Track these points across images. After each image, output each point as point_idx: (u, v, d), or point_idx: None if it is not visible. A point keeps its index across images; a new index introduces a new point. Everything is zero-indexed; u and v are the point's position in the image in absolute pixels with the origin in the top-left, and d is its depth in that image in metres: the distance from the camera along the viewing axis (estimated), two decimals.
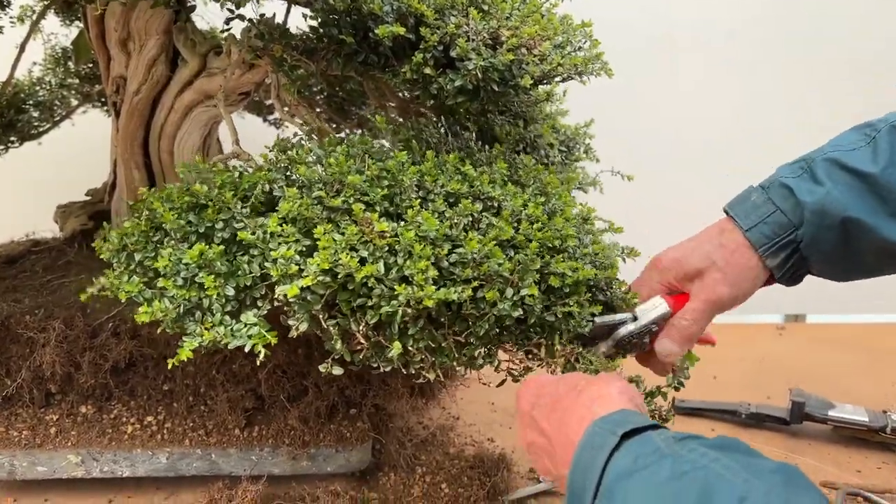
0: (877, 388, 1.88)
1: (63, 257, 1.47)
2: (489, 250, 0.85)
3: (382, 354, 0.88)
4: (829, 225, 0.92)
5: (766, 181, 0.99)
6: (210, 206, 0.94)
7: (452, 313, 0.88)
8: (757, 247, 0.95)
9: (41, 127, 1.71)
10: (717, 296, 0.96)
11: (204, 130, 1.46)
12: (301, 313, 0.87)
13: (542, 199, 1.01)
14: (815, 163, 0.95)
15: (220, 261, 0.88)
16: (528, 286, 0.86)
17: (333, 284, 0.83)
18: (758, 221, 0.95)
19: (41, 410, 1.28)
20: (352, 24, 1.02)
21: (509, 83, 1.01)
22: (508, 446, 1.50)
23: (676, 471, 0.62)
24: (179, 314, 0.89)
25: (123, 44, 1.36)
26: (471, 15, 0.99)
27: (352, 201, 0.89)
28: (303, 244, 0.87)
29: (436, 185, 0.95)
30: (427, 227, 0.86)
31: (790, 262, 0.96)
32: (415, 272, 0.82)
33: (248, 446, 1.27)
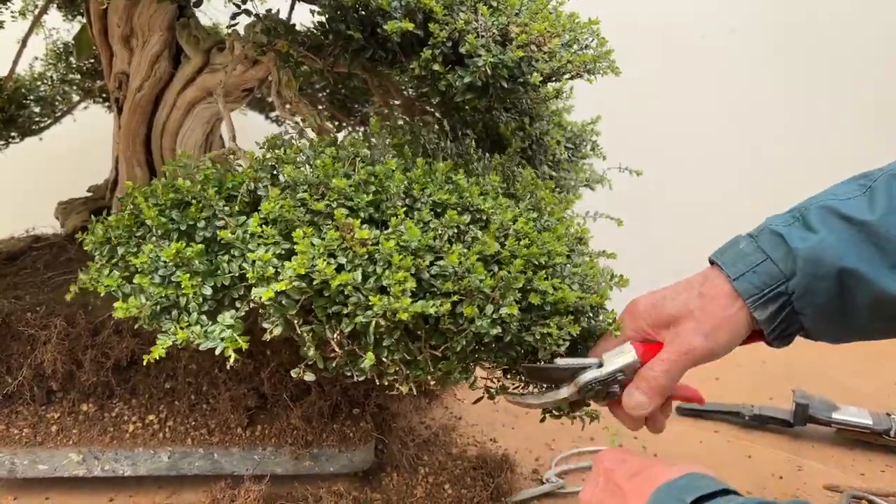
0: (879, 390, 1.87)
1: (64, 254, 1.46)
2: (471, 265, 0.83)
3: (356, 364, 0.86)
4: (823, 275, 0.86)
5: (755, 230, 0.94)
6: (194, 203, 0.92)
7: (430, 327, 0.86)
8: (745, 297, 0.89)
9: (42, 122, 1.70)
10: (689, 346, 0.90)
11: (206, 127, 1.44)
12: (276, 317, 0.85)
13: (534, 214, 0.98)
14: (809, 211, 0.90)
15: (198, 260, 0.86)
16: (508, 304, 0.83)
17: (309, 290, 0.82)
18: (746, 270, 0.90)
19: (42, 408, 1.27)
20: (359, 20, 1.01)
21: (518, 80, 1.00)
22: (511, 447, 1.49)
23: None
24: (156, 311, 0.87)
25: (126, 40, 1.35)
26: (480, 11, 0.98)
27: (335, 206, 0.87)
28: (282, 247, 0.85)
29: (423, 193, 0.92)
30: (409, 237, 0.84)
31: (780, 316, 0.89)
32: (392, 283, 0.80)
33: (250, 445, 1.26)
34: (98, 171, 1.66)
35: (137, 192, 0.94)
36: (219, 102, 1.16)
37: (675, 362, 0.90)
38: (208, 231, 0.89)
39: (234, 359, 0.83)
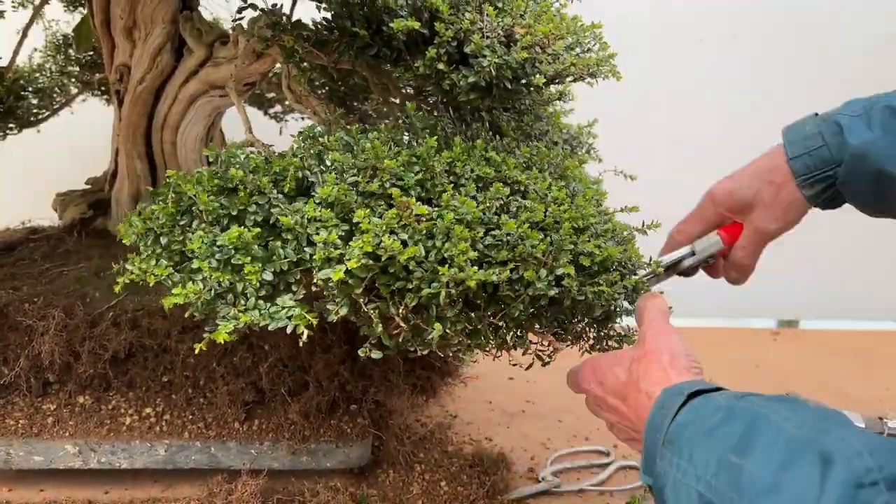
0: (871, 394, 1.89)
1: (62, 245, 1.46)
2: (524, 231, 0.87)
3: (420, 338, 0.88)
4: (864, 171, 0.97)
5: (828, 113, 1.03)
6: (241, 189, 0.93)
7: (488, 295, 0.89)
8: (796, 176, 1.01)
9: (40, 114, 1.70)
10: (765, 230, 1.06)
11: (208, 121, 1.45)
12: (341, 297, 0.86)
13: (562, 182, 1.02)
14: (877, 107, 0.98)
15: (256, 244, 0.88)
16: (563, 265, 0.87)
17: (375, 267, 0.84)
18: (803, 152, 1.01)
19: (38, 400, 1.27)
20: (365, 17, 1.01)
21: (522, 81, 1.01)
22: (507, 445, 1.50)
23: (728, 416, 0.69)
24: (212, 297, 0.88)
25: (129, 32, 1.35)
26: (486, 11, 0.98)
27: (388, 186, 0.89)
28: (342, 229, 0.86)
29: (465, 169, 0.95)
30: (465, 210, 0.87)
31: (826, 194, 1.02)
32: (455, 254, 0.83)
33: (247, 440, 1.26)
34: (94, 163, 1.66)
35: (182, 179, 0.93)
36: (231, 95, 1.17)
37: (754, 246, 1.08)
38: (259, 216, 0.90)
39: (305, 335, 0.83)
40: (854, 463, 0.58)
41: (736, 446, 0.65)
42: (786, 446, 0.62)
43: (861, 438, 0.60)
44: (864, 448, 0.58)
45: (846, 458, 0.58)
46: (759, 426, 0.66)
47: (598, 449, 1.52)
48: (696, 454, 0.68)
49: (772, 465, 0.62)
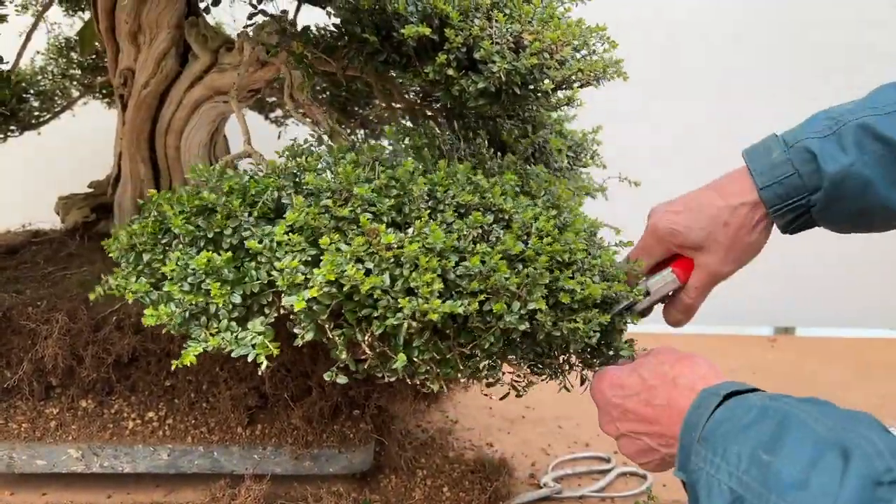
0: (868, 402, 1.89)
1: (64, 249, 1.46)
2: (494, 264, 0.85)
3: (387, 365, 0.87)
4: (845, 196, 0.93)
5: (791, 135, 0.97)
6: (219, 211, 0.93)
7: (458, 325, 0.88)
8: (768, 206, 0.96)
9: (41, 117, 1.70)
10: (718, 273, 1.01)
11: (212, 126, 1.45)
12: (307, 322, 0.86)
13: (553, 211, 1.00)
14: (847, 127, 0.93)
15: (227, 268, 0.87)
16: (535, 300, 0.85)
17: (339, 295, 0.83)
18: (773, 182, 0.96)
19: (41, 403, 1.26)
20: (374, 23, 1.01)
21: (530, 87, 1.02)
22: (508, 451, 1.50)
23: (761, 414, 0.71)
24: (185, 318, 0.88)
25: (133, 36, 1.35)
26: (495, 17, 0.99)
27: (359, 211, 0.89)
28: (309, 253, 0.86)
29: (447, 195, 0.94)
30: (434, 240, 0.85)
31: (797, 223, 0.98)
32: (420, 285, 0.81)
33: (250, 445, 1.26)
34: (97, 166, 1.66)
35: (162, 199, 0.94)
36: (232, 104, 1.17)
37: (706, 288, 1.03)
38: (235, 238, 0.90)
39: (265, 365, 0.83)
40: (875, 461, 0.60)
41: (767, 443, 0.68)
42: (814, 445, 0.65)
43: (885, 439, 0.62)
44: (886, 448, 0.61)
45: (867, 456, 0.60)
46: (789, 425, 0.68)
47: (599, 455, 1.52)
48: (728, 450, 0.71)
49: (800, 462, 0.64)
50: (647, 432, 0.87)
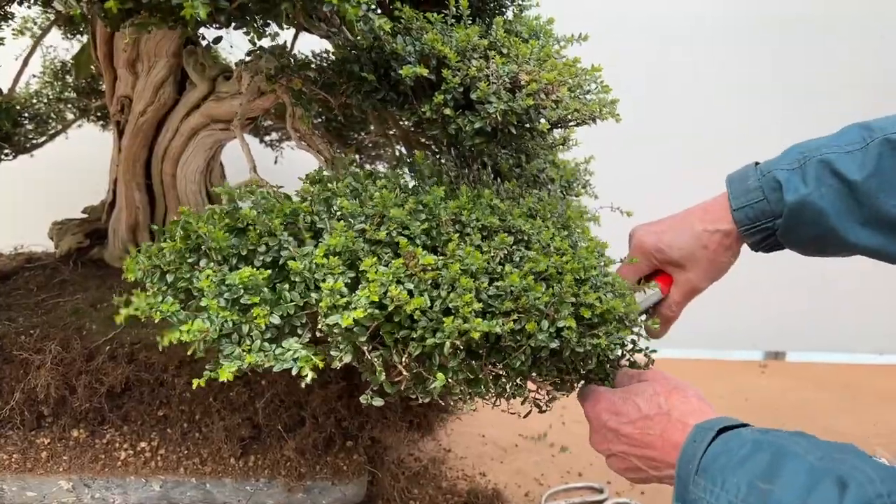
0: (858, 429, 1.91)
1: (58, 275, 1.45)
2: (527, 283, 0.88)
3: (422, 386, 0.89)
4: (803, 223, 1.04)
5: (767, 165, 1.10)
6: (251, 229, 0.93)
7: (490, 345, 0.91)
8: (739, 225, 1.08)
9: (35, 140, 1.69)
10: (696, 287, 1.13)
11: (208, 154, 1.45)
12: (345, 344, 0.87)
13: (564, 232, 1.04)
14: (811, 162, 1.05)
15: (267, 285, 0.88)
16: (564, 318, 0.89)
17: (380, 316, 0.85)
18: (745, 204, 1.08)
19: (32, 433, 1.25)
20: (373, 62, 1.02)
21: (526, 126, 1.02)
22: (501, 481, 1.50)
23: (756, 447, 0.78)
24: (217, 335, 0.88)
25: (132, 64, 1.35)
26: (492, 58, 1.00)
27: (395, 234, 0.91)
28: (347, 276, 0.87)
29: (471, 218, 0.97)
30: (470, 261, 0.88)
31: (765, 243, 1.10)
32: (460, 304, 0.84)
33: (243, 476, 1.25)
34: (92, 192, 1.65)
35: (195, 217, 0.94)
36: (236, 133, 1.17)
37: (686, 301, 1.14)
38: (268, 257, 0.90)
39: (310, 377, 0.83)
40: (867, 488, 0.68)
41: (764, 473, 0.75)
42: (808, 474, 0.72)
43: (874, 467, 0.70)
44: (877, 476, 0.69)
45: (860, 484, 0.68)
46: (783, 456, 0.75)
47: (592, 486, 1.52)
48: (727, 481, 0.77)
49: (796, 489, 0.71)
50: (638, 455, 0.93)
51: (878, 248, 1.04)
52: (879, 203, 1.01)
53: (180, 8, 0.71)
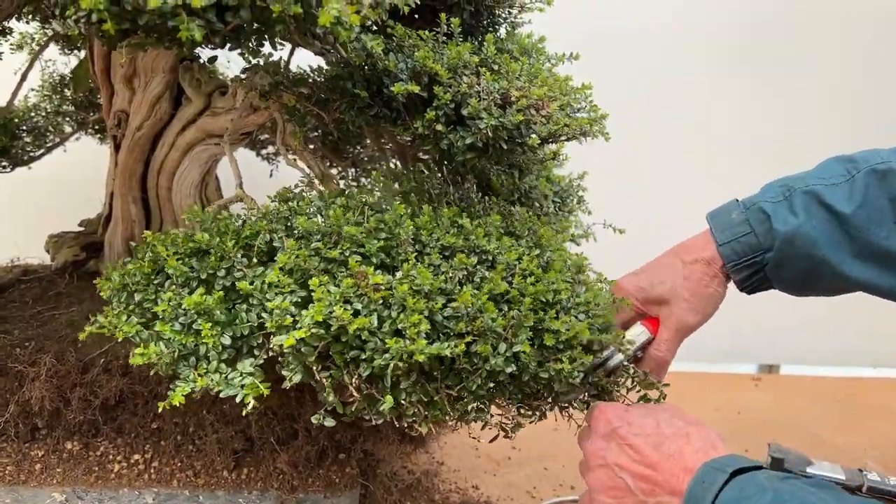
0: (852, 442, 1.91)
1: (53, 288, 1.46)
2: (482, 304, 0.86)
3: (374, 407, 0.88)
4: (795, 255, 1.02)
5: (749, 199, 1.08)
6: (212, 253, 0.95)
7: (445, 367, 0.89)
8: (727, 262, 1.05)
9: (33, 153, 1.71)
10: (685, 324, 1.07)
11: (203, 168, 1.46)
12: (295, 364, 0.88)
13: (536, 251, 1.03)
14: (796, 193, 1.03)
15: (219, 309, 0.89)
16: (521, 342, 0.87)
17: (327, 336, 0.85)
18: (731, 239, 1.05)
19: (26, 445, 1.26)
20: (366, 79, 1.04)
21: (517, 141, 1.04)
22: (493, 494, 1.50)
23: (777, 499, 0.72)
24: (174, 358, 0.89)
25: (129, 80, 1.37)
26: (483, 75, 1.01)
27: (348, 254, 0.91)
28: (298, 295, 0.88)
29: (431, 238, 0.97)
30: (421, 281, 0.87)
31: (753, 279, 1.06)
32: (408, 326, 0.83)
33: (236, 489, 1.26)
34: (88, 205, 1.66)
35: (157, 239, 0.95)
36: (225, 148, 1.19)
37: (676, 339, 1.08)
38: (227, 280, 0.91)
39: (252, 406, 0.84)
40: None
41: None
42: None
43: None
44: None
45: None
46: None
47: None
48: None
49: None
50: (635, 473, 0.87)
51: (870, 282, 1.02)
52: (870, 235, 0.99)
53: (176, 30, 0.72)
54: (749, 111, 2.40)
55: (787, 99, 2.38)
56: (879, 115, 2.36)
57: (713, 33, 2.33)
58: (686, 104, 2.37)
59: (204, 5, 0.73)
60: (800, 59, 2.36)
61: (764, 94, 2.37)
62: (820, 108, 2.38)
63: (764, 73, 2.37)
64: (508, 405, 0.97)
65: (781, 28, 2.34)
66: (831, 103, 2.38)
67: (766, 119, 2.39)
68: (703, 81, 2.36)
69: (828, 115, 2.38)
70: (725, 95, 2.38)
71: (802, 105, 2.38)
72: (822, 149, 1.12)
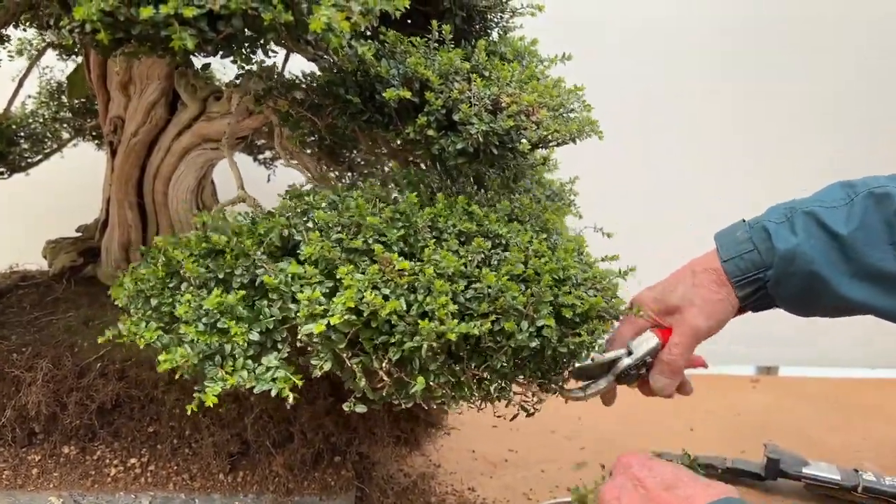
0: (848, 442, 1.92)
1: (51, 293, 1.47)
2: (504, 284, 0.90)
3: (404, 390, 0.91)
4: (794, 272, 1.06)
5: (754, 219, 1.13)
6: (228, 252, 0.96)
7: (471, 347, 0.92)
8: (731, 277, 1.09)
9: (31, 159, 1.72)
10: (696, 327, 1.10)
11: (199, 173, 1.47)
12: (325, 352, 0.89)
13: (543, 234, 1.06)
14: (797, 213, 1.08)
15: (240, 306, 0.90)
16: (543, 317, 0.90)
17: (358, 322, 0.87)
18: (735, 255, 1.10)
19: (23, 450, 1.27)
20: (358, 85, 1.05)
21: (508, 146, 1.05)
22: (489, 496, 1.51)
23: None
24: (200, 359, 0.90)
25: (124, 86, 1.38)
26: (473, 81, 1.02)
27: (371, 242, 0.93)
28: (326, 285, 0.89)
29: (448, 224, 0.99)
30: (445, 265, 0.90)
31: (757, 296, 1.11)
32: (436, 307, 0.86)
33: (232, 492, 1.26)
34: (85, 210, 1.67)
35: (171, 244, 0.96)
36: (224, 152, 1.20)
37: (687, 343, 1.10)
38: (245, 278, 0.92)
39: (291, 398, 0.85)
40: None
41: None
42: None
43: None
44: None
45: None
46: None
47: None
48: None
49: None
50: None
51: (867, 302, 1.05)
52: (866, 256, 1.03)
53: (169, 39, 0.73)
54: (741, 115, 2.40)
55: (780, 103, 2.39)
56: (872, 119, 2.37)
57: (705, 37, 2.34)
58: (678, 108, 2.37)
59: (195, 15, 0.74)
60: (792, 62, 2.37)
61: (756, 98, 2.38)
62: (812, 112, 2.39)
63: (756, 78, 2.38)
64: (530, 382, 1.00)
65: (773, 32, 2.35)
66: (823, 107, 2.39)
67: (758, 123, 2.40)
68: (695, 86, 2.37)
69: (820, 119, 2.39)
70: (717, 99, 2.38)
71: (795, 109, 2.39)
72: (814, 153, 1.15)
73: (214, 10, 0.76)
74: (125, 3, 0.75)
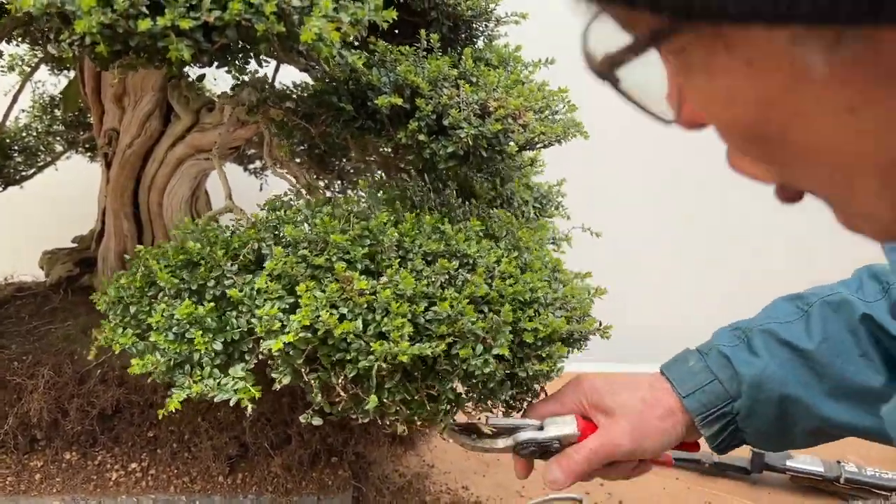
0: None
1: (48, 303, 1.49)
2: (462, 308, 0.90)
3: (360, 406, 0.93)
4: (766, 399, 0.92)
5: (704, 346, 0.99)
6: (202, 264, 0.98)
7: (426, 368, 0.93)
8: (694, 415, 0.94)
9: (25, 172, 1.74)
10: (616, 444, 0.93)
11: (193, 183, 1.50)
12: (284, 367, 0.92)
13: (514, 253, 1.07)
14: (752, 333, 0.96)
15: (209, 317, 0.93)
16: (499, 346, 0.91)
17: (314, 340, 0.89)
18: (695, 389, 0.94)
19: (25, 456, 1.29)
20: (350, 93, 1.08)
21: (496, 149, 1.09)
22: (483, 495, 1.54)
23: None
24: (169, 367, 0.93)
25: (119, 99, 1.41)
26: (462, 87, 1.06)
27: (334, 259, 0.94)
28: (286, 301, 0.92)
29: (414, 244, 1.00)
30: (404, 286, 0.91)
31: (725, 433, 0.95)
32: (391, 329, 0.87)
33: (232, 493, 1.29)
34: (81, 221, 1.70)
35: (149, 254, 0.99)
36: (214, 162, 1.22)
37: (598, 454, 0.93)
38: (217, 290, 0.95)
39: (250, 409, 0.88)
40: None
41: None
42: None
43: None
44: None
45: None
46: None
47: (572, 496, 1.56)
48: None
49: None
50: None
51: (849, 423, 0.93)
52: (838, 370, 0.92)
53: (166, 50, 0.76)
54: None
55: None
56: None
57: None
58: None
59: (192, 26, 0.77)
60: None
61: None
62: None
63: None
64: (498, 404, 1.02)
65: None
66: None
67: None
68: None
69: None
70: None
71: None
72: None
73: (209, 21, 0.79)
74: (124, 16, 0.78)
